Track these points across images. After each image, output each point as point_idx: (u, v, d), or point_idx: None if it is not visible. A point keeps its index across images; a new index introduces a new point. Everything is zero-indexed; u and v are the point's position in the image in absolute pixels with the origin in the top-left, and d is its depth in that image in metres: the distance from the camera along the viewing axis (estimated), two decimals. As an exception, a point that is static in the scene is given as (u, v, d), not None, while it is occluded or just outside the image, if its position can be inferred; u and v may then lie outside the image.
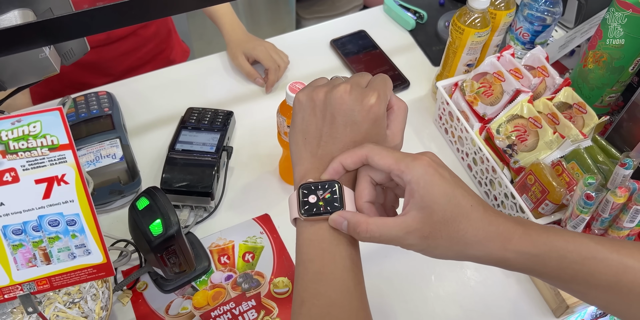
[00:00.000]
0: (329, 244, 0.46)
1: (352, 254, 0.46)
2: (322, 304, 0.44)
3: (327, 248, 0.46)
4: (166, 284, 0.77)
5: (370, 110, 0.47)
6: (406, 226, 0.43)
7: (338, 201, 0.46)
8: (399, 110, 0.50)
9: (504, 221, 0.42)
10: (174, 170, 0.84)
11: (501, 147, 0.81)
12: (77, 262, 0.54)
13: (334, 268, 0.45)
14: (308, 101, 0.50)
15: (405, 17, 1.15)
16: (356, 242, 0.48)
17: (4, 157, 0.49)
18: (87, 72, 1.13)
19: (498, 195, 0.82)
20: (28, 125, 0.50)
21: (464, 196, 0.42)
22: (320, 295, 0.44)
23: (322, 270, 0.45)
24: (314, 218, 0.46)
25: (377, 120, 0.48)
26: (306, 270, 0.46)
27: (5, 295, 0.53)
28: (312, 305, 0.44)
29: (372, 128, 0.48)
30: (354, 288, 0.45)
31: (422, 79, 1.05)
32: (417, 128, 0.97)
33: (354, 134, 0.47)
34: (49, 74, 0.77)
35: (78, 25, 0.48)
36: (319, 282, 0.45)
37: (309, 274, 0.45)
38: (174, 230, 0.69)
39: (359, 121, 0.47)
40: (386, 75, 0.50)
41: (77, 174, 0.51)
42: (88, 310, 0.72)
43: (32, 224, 0.52)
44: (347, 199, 0.46)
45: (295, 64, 1.07)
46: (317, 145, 0.48)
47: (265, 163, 0.92)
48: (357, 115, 0.47)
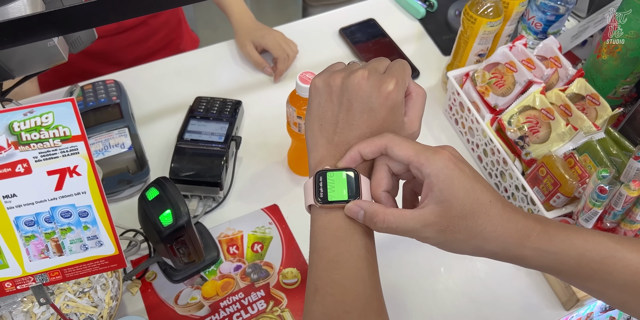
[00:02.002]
0: (344, 233, 0.45)
1: (367, 244, 0.46)
2: (335, 293, 0.44)
3: (342, 236, 0.45)
4: (175, 274, 0.78)
5: (388, 97, 0.46)
6: (424, 219, 0.42)
7: (354, 190, 0.45)
8: (417, 97, 0.49)
9: (523, 218, 0.42)
10: (183, 160, 0.84)
11: (512, 138, 0.80)
12: (89, 253, 0.54)
13: (349, 257, 0.44)
14: (324, 86, 0.49)
15: (415, 5, 1.13)
16: (371, 231, 0.47)
17: (16, 148, 0.49)
18: (96, 61, 1.13)
19: (509, 187, 0.82)
20: (40, 116, 0.49)
21: (483, 191, 0.42)
22: (334, 283, 0.44)
23: (336, 259, 0.44)
24: (330, 206, 0.45)
25: (395, 107, 0.47)
26: (320, 258, 0.45)
27: (17, 287, 0.53)
28: (326, 293, 0.44)
29: (390, 115, 0.47)
30: (368, 277, 0.45)
31: (432, 68, 1.04)
32: (427, 118, 0.97)
33: (370, 121, 0.46)
34: (57, 62, 0.76)
35: (92, 15, 0.47)
36: (333, 270, 0.44)
37: (323, 262, 0.45)
38: (184, 220, 0.69)
39: (376, 108, 0.46)
40: (405, 61, 0.49)
41: (89, 166, 0.51)
42: (98, 299, 0.72)
43: (44, 216, 0.52)
44: (364, 188, 0.45)
45: (304, 52, 1.06)
46: (334, 131, 0.48)
47: (274, 153, 0.91)
48: (374, 101, 0.46)
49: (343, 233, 0.45)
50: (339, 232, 0.45)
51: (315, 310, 0.44)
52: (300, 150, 0.86)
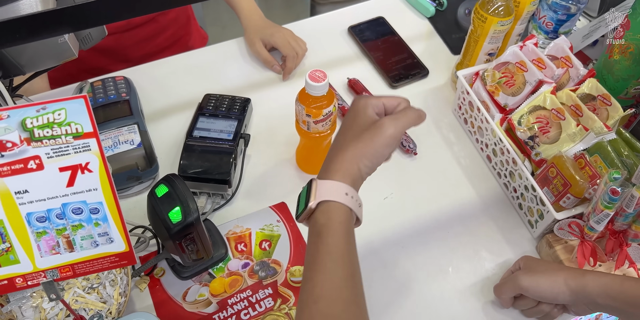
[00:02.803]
0: (316, 237, 0.53)
1: (339, 244, 0.52)
2: (307, 287, 0.50)
3: (315, 239, 0.53)
4: (183, 271, 0.78)
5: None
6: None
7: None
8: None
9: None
10: (192, 157, 0.84)
11: (522, 138, 0.80)
12: (100, 250, 0.54)
13: (324, 256, 0.51)
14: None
15: (425, 3, 1.13)
16: (347, 234, 0.54)
17: (28, 145, 0.49)
18: (105, 57, 1.13)
19: (518, 187, 0.81)
20: (53, 112, 0.49)
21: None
22: (308, 279, 0.50)
23: (311, 259, 0.52)
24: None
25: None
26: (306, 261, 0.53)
27: (28, 282, 0.53)
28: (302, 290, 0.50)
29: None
30: (342, 272, 0.50)
31: (441, 67, 1.04)
32: (436, 117, 0.96)
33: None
34: (68, 58, 0.77)
35: (105, 12, 0.48)
36: (308, 269, 0.51)
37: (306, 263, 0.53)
38: (193, 218, 0.69)
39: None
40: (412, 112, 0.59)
41: (101, 163, 0.51)
42: (106, 295, 0.73)
43: (55, 212, 0.52)
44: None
45: (313, 51, 1.05)
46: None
47: (282, 151, 0.91)
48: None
49: (315, 237, 0.51)
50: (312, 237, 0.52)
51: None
52: (308, 148, 0.86)
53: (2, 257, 0.51)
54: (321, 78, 0.72)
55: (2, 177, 0.49)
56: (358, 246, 0.82)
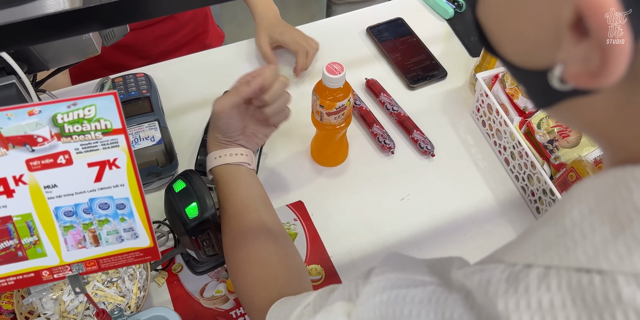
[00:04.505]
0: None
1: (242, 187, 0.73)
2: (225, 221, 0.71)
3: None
4: (198, 266, 0.78)
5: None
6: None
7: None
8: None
9: None
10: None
11: (542, 142, 0.80)
12: (125, 245, 0.55)
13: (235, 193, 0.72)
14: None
15: (444, 5, 1.13)
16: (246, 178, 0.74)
17: (59, 140, 0.50)
18: (124, 54, 1.14)
19: (536, 191, 0.81)
20: (83, 108, 0.50)
21: None
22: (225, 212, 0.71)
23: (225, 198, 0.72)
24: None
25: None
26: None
27: (55, 275, 0.54)
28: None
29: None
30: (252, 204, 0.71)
31: (459, 69, 1.04)
32: (454, 119, 0.96)
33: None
34: (91, 54, 0.78)
35: (136, 10, 0.48)
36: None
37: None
38: (209, 213, 0.69)
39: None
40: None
41: (129, 159, 0.52)
42: (125, 289, 0.73)
43: (83, 207, 0.52)
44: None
45: (331, 50, 1.06)
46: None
47: (297, 150, 0.92)
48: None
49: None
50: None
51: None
52: (321, 140, 0.87)
53: (30, 250, 0.52)
54: (338, 71, 0.72)
55: (32, 171, 0.50)
56: (375, 246, 0.83)
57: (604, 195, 0.27)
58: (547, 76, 0.27)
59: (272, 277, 0.63)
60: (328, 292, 0.46)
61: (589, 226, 0.27)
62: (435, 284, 0.34)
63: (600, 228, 0.26)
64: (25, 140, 0.49)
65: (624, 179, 0.26)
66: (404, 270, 0.37)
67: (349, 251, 0.82)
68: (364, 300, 0.37)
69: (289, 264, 0.66)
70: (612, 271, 0.25)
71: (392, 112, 0.95)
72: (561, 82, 0.26)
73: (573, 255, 0.27)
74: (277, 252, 0.66)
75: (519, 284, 0.28)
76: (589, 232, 0.26)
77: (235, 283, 0.66)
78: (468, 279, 0.31)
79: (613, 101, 0.27)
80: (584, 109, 0.29)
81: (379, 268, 0.39)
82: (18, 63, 0.66)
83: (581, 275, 0.26)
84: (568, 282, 0.26)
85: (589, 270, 0.26)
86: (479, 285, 0.30)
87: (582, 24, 0.23)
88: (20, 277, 0.53)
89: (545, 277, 0.27)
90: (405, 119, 0.94)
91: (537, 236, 0.30)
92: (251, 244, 0.66)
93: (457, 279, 0.32)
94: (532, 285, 0.27)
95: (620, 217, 0.26)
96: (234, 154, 0.73)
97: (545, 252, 0.28)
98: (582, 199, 0.28)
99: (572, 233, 0.27)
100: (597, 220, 0.26)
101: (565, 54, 0.25)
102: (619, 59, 0.23)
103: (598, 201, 0.27)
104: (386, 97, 0.97)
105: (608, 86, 0.24)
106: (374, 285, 0.37)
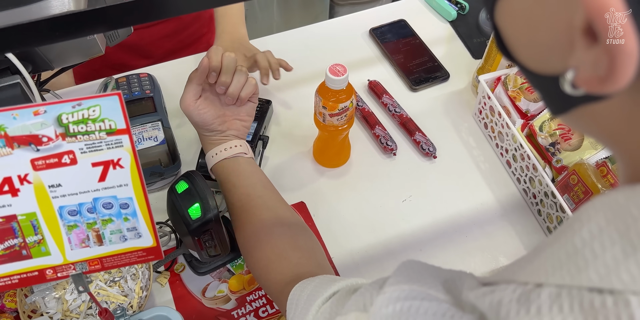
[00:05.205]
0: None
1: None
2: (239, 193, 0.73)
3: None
4: (200, 266, 0.79)
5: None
6: None
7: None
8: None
9: None
10: (212, 155, 0.85)
11: (544, 145, 0.80)
12: (128, 244, 0.55)
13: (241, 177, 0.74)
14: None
15: (447, 7, 1.13)
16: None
17: (63, 140, 0.50)
18: (128, 53, 1.14)
19: (537, 193, 0.81)
20: (88, 109, 0.50)
21: None
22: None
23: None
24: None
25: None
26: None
27: (58, 274, 0.54)
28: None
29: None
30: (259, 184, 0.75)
31: (461, 71, 1.04)
32: (456, 121, 0.97)
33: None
34: (95, 54, 0.78)
35: (142, 12, 0.48)
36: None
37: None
38: (212, 214, 0.70)
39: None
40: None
41: (133, 159, 0.52)
42: (128, 289, 0.74)
43: (87, 206, 0.53)
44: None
45: (334, 52, 1.06)
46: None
47: (300, 153, 0.92)
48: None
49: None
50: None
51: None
52: (324, 141, 0.88)
53: (34, 249, 0.53)
54: (341, 72, 0.72)
55: (37, 170, 0.50)
56: (376, 247, 0.83)
57: (613, 214, 0.27)
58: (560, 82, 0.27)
59: (283, 258, 0.64)
60: (348, 294, 0.46)
61: (599, 245, 0.26)
62: (449, 302, 0.33)
63: (611, 247, 0.26)
64: (31, 140, 0.49)
65: (634, 198, 0.26)
66: (419, 282, 0.36)
67: (350, 252, 0.82)
68: (377, 310, 0.36)
69: (298, 242, 0.67)
70: (624, 291, 0.25)
71: (395, 114, 0.96)
72: (573, 87, 0.26)
73: (585, 274, 0.26)
74: (285, 233, 0.68)
75: (530, 305, 0.28)
76: (600, 251, 0.26)
77: (251, 268, 0.68)
78: (479, 301, 0.31)
79: (627, 109, 0.27)
80: (599, 116, 0.28)
81: (393, 278, 0.38)
82: (22, 63, 0.66)
83: (593, 296, 0.26)
84: (580, 303, 0.26)
85: (601, 290, 0.25)
86: (491, 307, 0.30)
87: (593, 29, 0.24)
88: (24, 275, 0.54)
89: (557, 297, 0.27)
90: (408, 120, 0.94)
91: (547, 254, 0.29)
92: (260, 229, 0.68)
93: (469, 300, 0.32)
94: (544, 307, 0.27)
95: (631, 235, 0.25)
96: (229, 147, 0.75)
97: (557, 271, 0.28)
98: (591, 218, 0.28)
99: (582, 252, 0.27)
100: (607, 239, 0.26)
101: (577, 59, 0.25)
102: (626, 63, 0.23)
103: (608, 220, 0.27)
104: (388, 98, 0.97)
105: (617, 91, 0.24)
106: (388, 295, 0.36)
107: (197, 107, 0.73)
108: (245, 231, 0.69)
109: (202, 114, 0.73)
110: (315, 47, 1.07)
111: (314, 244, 0.69)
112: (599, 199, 0.28)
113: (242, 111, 0.77)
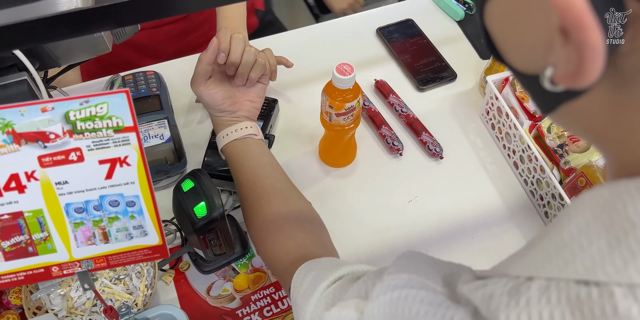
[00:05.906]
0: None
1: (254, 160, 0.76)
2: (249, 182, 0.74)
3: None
4: (205, 265, 0.79)
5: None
6: None
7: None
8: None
9: None
10: (216, 154, 0.85)
11: (551, 146, 0.79)
12: (134, 242, 0.55)
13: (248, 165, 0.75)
14: None
15: (455, 7, 1.13)
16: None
17: (70, 137, 0.50)
18: (136, 53, 1.14)
19: (545, 195, 0.81)
20: (95, 106, 0.50)
21: None
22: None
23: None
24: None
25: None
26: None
27: (64, 271, 0.54)
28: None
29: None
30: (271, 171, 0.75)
31: (469, 71, 1.04)
32: (463, 122, 0.96)
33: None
34: (102, 52, 0.78)
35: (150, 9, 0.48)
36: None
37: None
38: (218, 213, 0.69)
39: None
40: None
41: (140, 157, 0.52)
42: (133, 287, 0.74)
43: (93, 203, 0.53)
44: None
45: (341, 51, 1.06)
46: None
47: (305, 153, 0.92)
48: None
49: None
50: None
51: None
52: (330, 140, 0.87)
53: (40, 246, 0.53)
54: (348, 71, 0.72)
55: (44, 167, 0.50)
56: (382, 248, 0.83)
57: (600, 208, 0.28)
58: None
59: (289, 238, 0.65)
60: (351, 281, 0.48)
61: (586, 239, 0.28)
62: (445, 295, 0.35)
63: (597, 240, 0.27)
64: (38, 137, 0.49)
65: (618, 192, 0.27)
66: (418, 272, 0.38)
67: (355, 253, 0.82)
68: (375, 297, 0.38)
69: (304, 224, 0.68)
70: (609, 282, 0.26)
71: (401, 114, 0.95)
72: (552, 84, 0.28)
73: (572, 267, 0.27)
74: (291, 214, 0.68)
75: (520, 297, 0.29)
76: (586, 244, 0.27)
77: (258, 249, 0.69)
78: (472, 294, 0.32)
79: (608, 106, 0.28)
80: (583, 113, 0.30)
81: (393, 267, 0.40)
82: (30, 60, 0.66)
83: (580, 288, 0.27)
84: (567, 295, 0.27)
85: (587, 282, 0.27)
86: (482, 300, 0.31)
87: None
88: (30, 272, 0.54)
89: (546, 289, 0.28)
90: (414, 120, 0.94)
91: (537, 249, 0.31)
92: (267, 209, 0.69)
93: (463, 294, 0.33)
94: (533, 298, 0.28)
95: (616, 229, 0.26)
96: (239, 128, 0.75)
97: (546, 265, 0.29)
98: (579, 213, 0.29)
99: (570, 245, 0.28)
100: (593, 233, 0.27)
101: (555, 57, 0.26)
102: (593, 57, 0.24)
103: (594, 214, 0.28)
104: (395, 98, 0.97)
105: (589, 85, 0.25)
106: (386, 283, 0.38)
107: (207, 87, 0.74)
108: (252, 212, 0.70)
109: (213, 94, 0.74)
110: (322, 46, 1.06)
111: (320, 226, 0.70)
112: (587, 194, 0.30)
113: (252, 92, 0.77)
